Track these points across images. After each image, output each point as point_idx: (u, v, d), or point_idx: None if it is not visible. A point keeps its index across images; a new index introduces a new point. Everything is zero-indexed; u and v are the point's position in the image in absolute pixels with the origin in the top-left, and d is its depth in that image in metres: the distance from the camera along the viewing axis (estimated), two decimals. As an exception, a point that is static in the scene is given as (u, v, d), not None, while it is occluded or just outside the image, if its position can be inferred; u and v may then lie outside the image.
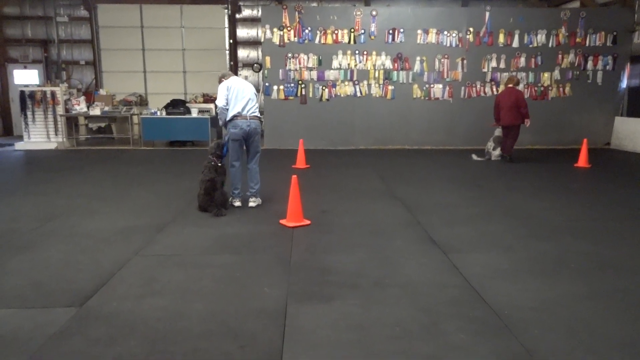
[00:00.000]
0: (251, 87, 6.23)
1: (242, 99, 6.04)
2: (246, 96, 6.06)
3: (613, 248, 4.66)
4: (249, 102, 6.06)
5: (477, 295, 3.56)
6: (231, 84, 6.09)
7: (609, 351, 2.81)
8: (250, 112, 6.06)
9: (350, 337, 2.96)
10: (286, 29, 12.22)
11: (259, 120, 6.20)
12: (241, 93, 6.05)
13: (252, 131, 6.10)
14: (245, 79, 6.54)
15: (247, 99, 6.06)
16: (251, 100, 6.09)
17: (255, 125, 6.11)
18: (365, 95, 12.53)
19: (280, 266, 4.15)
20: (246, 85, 6.18)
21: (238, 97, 6.04)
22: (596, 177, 8.60)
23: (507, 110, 9.81)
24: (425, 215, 5.84)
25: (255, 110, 6.13)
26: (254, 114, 6.11)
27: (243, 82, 6.22)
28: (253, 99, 6.13)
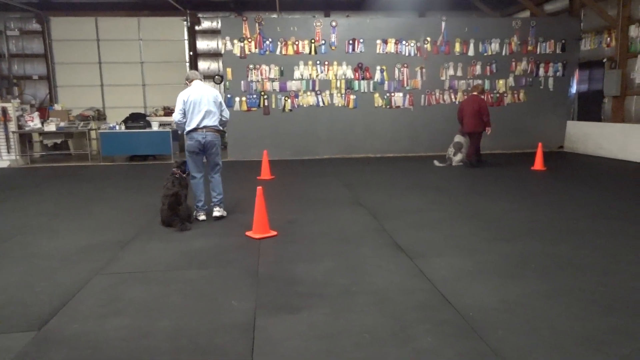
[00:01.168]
0: (212, 95, 6.01)
1: (198, 112, 5.88)
2: (202, 109, 5.89)
3: (572, 247, 4.84)
4: (206, 115, 5.91)
5: (444, 299, 3.62)
6: (188, 96, 5.92)
7: (570, 347, 2.91)
8: (204, 124, 5.90)
9: (319, 346, 2.96)
10: (247, 41, 12.21)
11: (216, 132, 6.05)
12: (197, 107, 5.89)
13: (208, 143, 5.99)
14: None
15: (204, 112, 5.89)
16: (208, 113, 5.92)
17: (211, 138, 5.98)
18: (327, 105, 12.63)
19: (247, 279, 4.11)
20: (205, 94, 5.96)
21: (194, 111, 5.89)
22: (552, 180, 8.93)
23: (470, 117, 10.12)
24: (391, 222, 5.91)
25: (213, 123, 5.98)
26: (210, 126, 5.95)
27: (203, 92, 5.98)
28: (212, 110, 5.96)
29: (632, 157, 10.99)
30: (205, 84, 6.24)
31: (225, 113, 6.19)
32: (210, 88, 6.15)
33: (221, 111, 6.12)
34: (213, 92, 6.08)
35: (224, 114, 6.17)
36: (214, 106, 5.99)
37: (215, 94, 6.08)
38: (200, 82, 6.17)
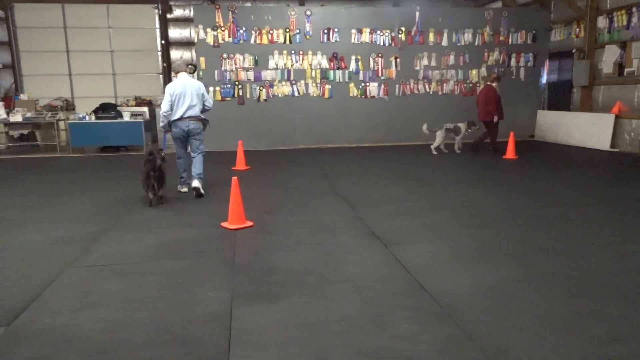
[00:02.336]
0: (195, 88, 6.77)
1: (182, 104, 6.70)
2: (186, 102, 6.70)
3: (543, 233, 4.96)
4: (190, 106, 6.72)
5: (419, 286, 3.67)
6: (174, 89, 6.70)
7: (542, 328, 2.99)
8: (187, 115, 6.74)
9: (298, 334, 2.96)
10: (220, 29, 12.02)
11: (198, 121, 6.87)
12: (182, 99, 6.70)
13: (191, 131, 6.84)
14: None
15: (188, 105, 6.71)
16: (191, 104, 6.72)
17: (194, 126, 6.83)
18: (303, 94, 12.58)
19: (224, 269, 4.08)
20: (189, 87, 6.72)
21: (179, 102, 6.71)
22: (523, 168, 9.12)
23: (482, 106, 10.62)
24: (368, 211, 5.95)
25: (195, 113, 6.80)
26: (192, 115, 6.77)
27: (187, 85, 6.73)
28: (194, 103, 6.74)
29: (599, 145, 11.31)
30: (189, 77, 6.95)
31: (207, 103, 6.97)
32: (194, 81, 6.90)
33: (204, 101, 6.90)
34: (196, 84, 6.86)
35: (207, 103, 6.96)
36: (197, 98, 6.78)
37: (198, 86, 6.85)
38: (186, 74, 6.91)
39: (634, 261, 4.12)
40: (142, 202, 6.65)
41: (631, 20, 10.85)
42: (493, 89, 10.59)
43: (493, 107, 10.37)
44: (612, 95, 11.57)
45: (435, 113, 13.02)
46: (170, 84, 6.81)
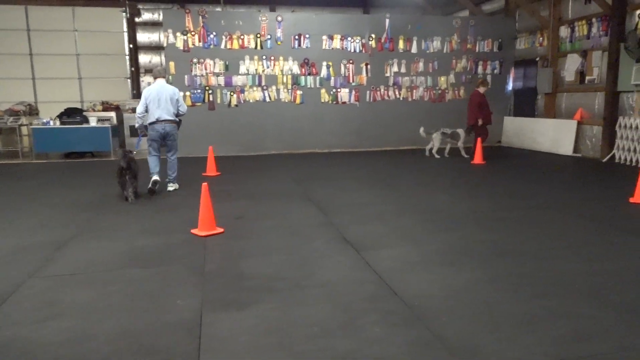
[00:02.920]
0: (169, 93, 7.27)
1: (157, 108, 7.20)
2: (161, 105, 7.20)
3: (509, 236, 5.07)
4: (163, 110, 7.22)
5: (390, 289, 3.69)
6: (149, 93, 7.23)
7: (509, 329, 3.05)
8: (163, 118, 7.23)
9: (269, 340, 2.94)
10: (190, 34, 11.90)
11: (173, 123, 7.39)
12: (156, 103, 7.20)
13: (167, 133, 7.37)
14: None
15: (161, 108, 7.20)
16: (165, 108, 7.22)
17: (169, 129, 7.37)
18: (274, 100, 12.55)
19: (193, 276, 4.02)
20: (163, 92, 7.23)
21: (153, 106, 7.21)
22: (491, 173, 9.33)
23: (469, 110, 10.92)
24: (339, 216, 5.97)
25: (170, 117, 7.30)
26: (166, 119, 7.26)
27: (161, 90, 7.25)
28: (168, 106, 7.24)
29: (563, 150, 11.67)
30: (165, 83, 7.44)
31: (182, 108, 7.49)
32: (169, 86, 7.43)
33: (178, 106, 7.40)
34: (171, 90, 7.37)
35: (181, 108, 7.47)
36: (170, 103, 7.27)
37: (172, 92, 7.34)
38: (163, 80, 7.44)
39: (597, 262, 4.25)
40: (109, 208, 6.50)
41: (591, 31, 11.26)
42: (476, 94, 10.79)
43: (477, 111, 10.60)
44: (574, 102, 11.97)
45: (405, 119, 13.22)
46: (147, 88, 7.37)
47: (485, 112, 10.79)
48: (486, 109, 10.82)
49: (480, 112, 10.70)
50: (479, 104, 10.65)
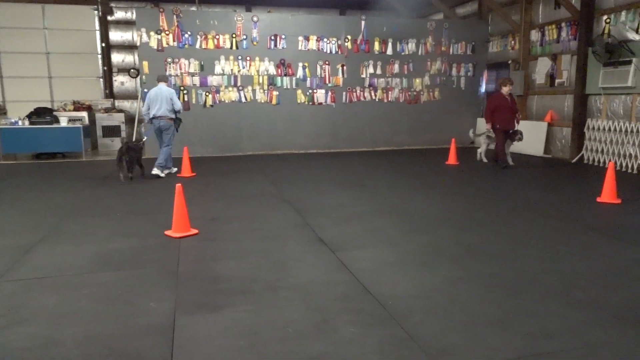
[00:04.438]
0: (166, 94, 8.78)
1: (154, 106, 8.79)
2: (157, 105, 8.76)
3: (482, 236, 5.16)
4: (160, 107, 8.76)
5: (365, 290, 3.72)
6: (151, 94, 8.86)
7: (479, 327, 3.11)
8: (158, 115, 8.78)
9: (242, 343, 2.92)
10: (164, 33, 11.75)
11: (168, 120, 8.88)
12: (154, 102, 8.80)
13: (162, 127, 8.92)
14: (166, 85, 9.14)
15: (158, 106, 8.76)
16: (161, 106, 8.75)
17: (163, 123, 8.88)
18: (250, 101, 12.49)
19: (166, 279, 3.97)
20: (161, 93, 8.79)
21: (152, 104, 8.83)
22: (464, 173, 9.48)
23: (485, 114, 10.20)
24: (314, 217, 5.97)
25: (164, 113, 8.78)
26: (162, 116, 8.80)
27: (159, 91, 8.83)
28: (163, 106, 8.74)
29: (534, 151, 11.94)
30: (165, 86, 8.96)
31: (175, 106, 8.86)
32: (166, 88, 8.95)
33: (172, 104, 8.82)
34: (168, 91, 8.87)
35: (175, 106, 8.86)
36: (165, 102, 8.77)
37: (168, 92, 8.84)
38: (164, 84, 9.00)
39: (564, 261, 4.37)
40: (80, 211, 6.36)
41: (561, 35, 11.55)
42: (493, 97, 9.99)
43: (488, 115, 9.84)
44: (544, 104, 12.25)
45: (381, 120, 13.33)
46: (150, 90, 8.97)
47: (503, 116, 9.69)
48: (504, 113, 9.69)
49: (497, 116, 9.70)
50: (494, 108, 9.73)
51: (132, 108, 14.62)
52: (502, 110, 9.70)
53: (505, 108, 9.71)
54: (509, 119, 9.79)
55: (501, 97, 9.76)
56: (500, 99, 9.76)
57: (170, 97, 8.75)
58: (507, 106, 9.72)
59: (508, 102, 9.73)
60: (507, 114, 9.73)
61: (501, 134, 9.83)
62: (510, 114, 9.77)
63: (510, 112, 9.76)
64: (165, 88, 8.88)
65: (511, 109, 9.76)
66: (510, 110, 9.75)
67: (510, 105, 9.74)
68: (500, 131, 9.80)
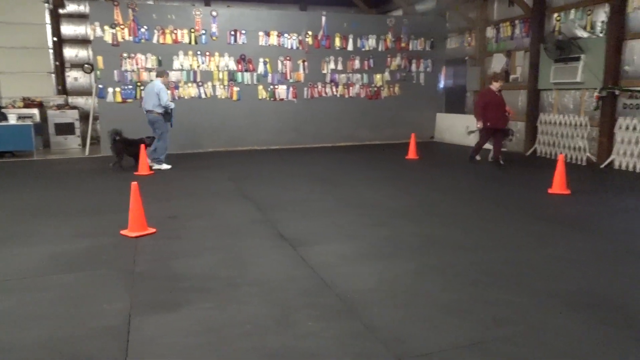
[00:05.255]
0: (154, 89, 9.02)
1: (145, 100, 9.22)
2: (147, 99, 9.15)
3: (440, 228, 5.27)
4: (148, 102, 9.08)
5: (324, 284, 3.74)
6: (146, 88, 9.39)
7: (436, 315, 3.18)
8: (147, 109, 9.11)
9: (201, 341, 2.89)
10: (119, 27, 11.40)
11: (154, 114, 9.07)
12: (146, 96, 9.24)
13: (150, 120, 9.16)
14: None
15: (148, 100, 9.09)
16: (149, 101, 9.06)
17: (151, 117, 9.11)
18: (210, 97, 12.29)
19: (122, 279, 3.87)
20: (151, 88, 9.13)
21: (145, 98, 9.31)
22: (424, 167, 9.65)
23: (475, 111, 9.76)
24: (276, 213, 5.95)
25: (152, 107, 9.03)
26: (149, 109, 9.08)
27: (151, 86, 9.15)
28: (151, 100, 8.99)
29: (490, 145, 12.24)
30: (158, 82, 9.14)
31: (162, 101, 8.99)
32: (158, 83, 9.09)
33: (159, 99, 8.96)
34: (155, 86, 9.06)
35: (161, 101, 8.99)
36: (153, 96, 9.00)
37: (156, 87, 9.02)
38: (160, 79, 9.22)
39: (518, 251, 4.52)
40: (33, 211, 6.11)
41: (514, 32, 11.90)
42: (483, 93, 9.66)
43: (479, 112, 9.32)
44: (500, 99, 12.60)
45: (342, 116, 13.40)
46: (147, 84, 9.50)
47: (493, 114, 9.18)
48: (495, 110, 9.18)
49: (479, 113, 9.32)
50: (485, 105, 9.21)
51: (86, 104, 14.12)
52: (493, 107, 9.17)
53: (496, 105, 9.18)
54: (500, 117, 9.26)
55: (491, 93, 9.26)
56: (490, 95, 9.24)
57: (157, 92, 8.91)
58: (498, 103, 9.19)
59: (498, 98, 9.22)
60: (498, 111, 9.19)
61: (489, 133, 9.37)
62: (501, 111, 9.25)
63: (501, 109, 9.24)
64: (157, 83, 9.06)
65: (502, 105, 9.26)
66: (501, 107, 9.23)
67: (501, 101, 9.25)
68: (490, 129, 9.30)
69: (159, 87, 8.99)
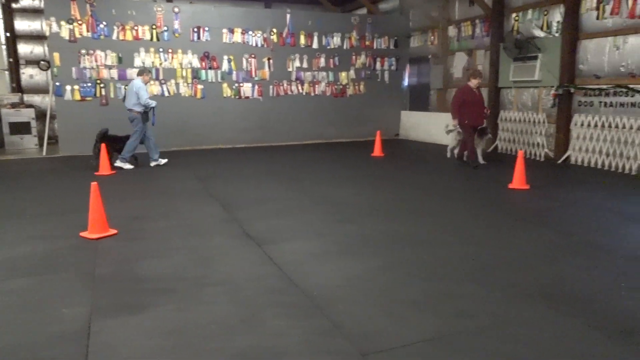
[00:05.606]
0: (132, 87, 9.01)
1: (127, 98, 9.26)
2: (127, 96, 9.23)
3: (405, 225, 5.35)
4: (128, 101, 9.11)
5: (291, 282, 3.73)
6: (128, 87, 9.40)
7: (401, 311, 3.22)
8: (127, 107, 9.13)
9: (165, 343, 2.83)
10: (77, 23, 11.04)
11: (132, 112, 9.06)
12: (127, 95, 9.32)
13: (129, 118, 9.14)
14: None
15: (128, 99, 9.15)
16: (128, 99, 9.12)
17: (130, 115, 9.12)
18: (173, 94, 12.07)
19: (82, 283, 3.76)
20: (130, 87, 9.16)
21: (126, 97, 9.38)
22: (390, 164, 9.76)
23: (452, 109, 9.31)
24: (242, 212, 5.90)
25: (131, 106, 9.03)
26: (129, 108, 9.07)
27: (132, 85, 9.09)
28: (132, 99, 9.01)
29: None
30: (138, 80, 9.11)
31: (141, 100, 8.96)
32: (137, 82, 9.06)
33: (138, 97, 8.94)
34: (134, 84, 9.05)
35: (140, 100, 8.95)
36: (133, 95, 8.99)
37: (134, 86, 8.99)
38: (140, 78, 9.20)
39: (481, 246, 4.63)
40: (-16, 214, 5.86)
41: (475, 31, 12.18)
42: (463, 89, 9.14)
43: (455, 110, 8.97)
44: (462, 97, 12.86)
45: (308, 114, 13.39)
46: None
47: (471, 112, 8.88)
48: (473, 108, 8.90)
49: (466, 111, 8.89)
50: (462, 103, 8.91)
51: (43, 103, 13.62)
52: (470, 105, 8.89)
53: (474, 102, 8.93)
54: (478, 114, 8.99)
55: (469, 91, 8.98)
56: (468, 92, 8.96)
57: (136, 91, 8.93)
58: (475, 100, 8.96)
59: (477, 95, 9.01)
60: (476, 108, 8.94)
61: (470, 130, 9.01)
62: (479, 108, 9.00)
63: (479, 107, 9.00)
64: (137, 82, 9.08)
65: (480, 103, 9.04)
66: (479, 105, 9.01)
67: (479, 99, 9.04)
68: (470, 127, 8.99)
69: (137, 86, 8.98)
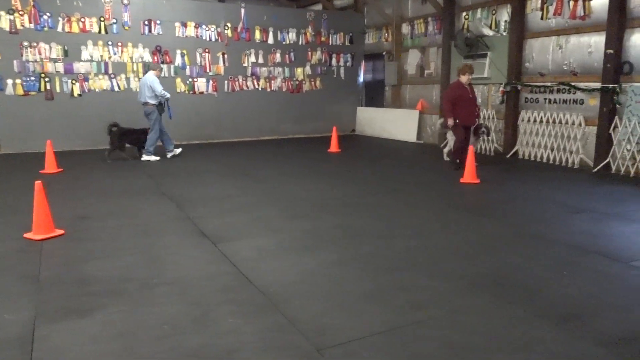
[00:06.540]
0: (145, 81, 9.30)
1: (140, 93, 9.53)
2: (141, 92, 9.46)
3: (359, 219, 5.41)
4: (142, 96, 9.38)
5: (246, 279, 3.70)
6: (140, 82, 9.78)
7: (356, 304, 3.26)
8: (142, 101, 9.42)
9: (114, 346, 2.75)
10: (18, 13, 10.49)
11: (147, 105, 9.35)
12: (139, 89, 9.58)
13: (144, 112, 9.46)
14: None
15: (141, 94, 9.44)
16: (142, 93, 9.39)
17: (145, 109, 9.41)
18: (124, 89, 11.68)
19: (25, 286, 3.59)
20: (144, 81, 9.41)
21: (139, 92, 9.63)
22: (346, 160, 9.84)
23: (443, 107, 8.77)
24: (196, 209, 5.80)
25: (145, 99, 9.34)
26: (144, 102, 9.37)
27: (144, 79, 9.44)
28: (145, 92, 9.30)
29: (408, 137, 12.76)
30: (151, 74, 9.38)
31: (156, 91, 9.25)
32: (150, 76, 9.34)
33: (152, 90, 9.25)
34: (147, 78, 9.35)
35: (156, 92, 9.26)
36: (145, 88, 9.30)
37: (149, 80, 9.26)
38: (152, 72, 9.46)
39: (432, 238, 4.75)
40: None
41: (428, 29, 12.43)
42: (454, 85, 8.46)
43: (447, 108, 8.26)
44: (416, 93, 13.13)
45: (264, 109, 13.30)
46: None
47: (464, 110, 8.19)
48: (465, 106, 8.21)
49: (447, 109, 8.25)
50: (453, 99, 8.20)
51: (-18, 98, 12.87)
52: (463, 103, 8.21)
53: (467, 100, 8.24)
54: (471, 113, 8.34)
55: (461, 87, 8.27)
56: (460, 89, 8.25)
57: (149, 84, 9.19)
58: (468, 97, 8.26)
59: (469, 92, 8.30)
60: (468, 106, 8.27)
61: (462, 130, 8.30)
62: (471, 107, 8.34)
63: (471, 105, 8.34)
64: (149, 75, 9.33)
65: (473, 101, 8.38)
66: (471, 103, 8.34)
67: (472, 97, 8.36)
68: (461, 127, 8.28)
69: (151, 80, 9.23)
